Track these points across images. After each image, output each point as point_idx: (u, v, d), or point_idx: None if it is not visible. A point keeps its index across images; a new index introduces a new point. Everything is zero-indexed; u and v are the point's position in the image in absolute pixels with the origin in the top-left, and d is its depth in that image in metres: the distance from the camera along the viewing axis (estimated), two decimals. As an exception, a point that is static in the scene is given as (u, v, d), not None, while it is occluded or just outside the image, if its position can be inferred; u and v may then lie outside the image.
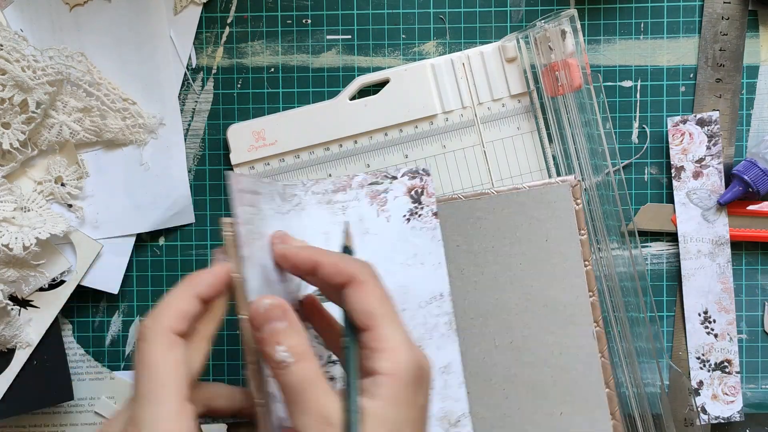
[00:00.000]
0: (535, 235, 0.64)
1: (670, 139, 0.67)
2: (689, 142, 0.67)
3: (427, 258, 0.62)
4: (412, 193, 0.62)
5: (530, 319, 0.64)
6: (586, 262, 0.64)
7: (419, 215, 0.62)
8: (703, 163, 0.67)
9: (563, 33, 0.64)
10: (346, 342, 0.46)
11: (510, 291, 0.64)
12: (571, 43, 0.64)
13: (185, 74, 0.68)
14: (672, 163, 0.67)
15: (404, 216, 0.62)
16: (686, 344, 0.68)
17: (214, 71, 0.69)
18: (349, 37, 0.68)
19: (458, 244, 0.64)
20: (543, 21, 0.65)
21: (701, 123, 0.67)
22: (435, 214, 0.62)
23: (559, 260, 0.64)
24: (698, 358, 0.68)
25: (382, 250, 0.61)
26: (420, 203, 0.62)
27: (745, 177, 0.65)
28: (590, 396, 0.64)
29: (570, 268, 0.64)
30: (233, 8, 0.68)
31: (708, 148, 0.67)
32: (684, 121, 0.67)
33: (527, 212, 0.64)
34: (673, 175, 0.67)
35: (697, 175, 0.67)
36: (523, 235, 0.64)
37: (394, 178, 0.61)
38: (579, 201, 0.64)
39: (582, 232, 0.64)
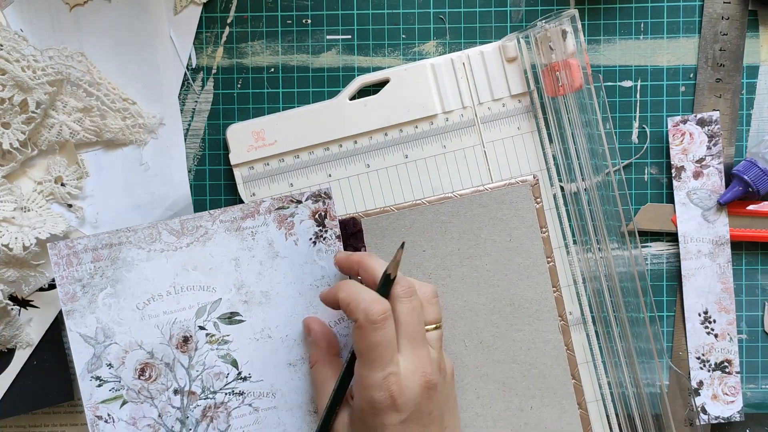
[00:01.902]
0: (499, 236, 0.65)
1: (670, 139, 0.67)
2: (689, 142, 0.67)
3: (333, 280, 0.63)
4: (317, 216, 0.63)
5: (498, 318, 0.66)
6: (549, 259, 0.66)
7: (324, 238, 0.63)
8: (703, 163, 0.67)
9: (564, 33, 0.64)
10: (342, 370, 0.58)
11: (477, 292, 0.66)
12: (571, 43, 0.64)
13: (185, 74, 0.68)
14: (672, 163, 0.67)
15: (310, 239, 0.63)
16: (686, 344, 0.68)
17: (214, 71, 0.69)
18: (349, 37, 0.68)
19: (424, 249, 0.66)
20: (543, 21, 0.65)
21: (701, 123, 0.67)
22: (338, 237, 0.63)
23: (522, 258, 0.66)
24: (698, 358, 0.68)
25: (292, 272, 0.63)
26: (324, 226, 0.63)
27: (745, 177, 0.65)
28: (558, 388, 0.66)
29: (533, 266, 0.66)
30: (233, 8, 0.68)
31: (708, 148, 0.67)
32: (684, 121, 0.67)
33: (490, 213, 0.65)
34: (673, 175, 0.67)
35: (697, 175, 0.67)
36: (487, 236, 0.65)
37: (299, 202, 0.63)
38: (539, 200, 0.65)
39: (543, 230, 0.65)
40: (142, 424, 0.61)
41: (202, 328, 0.62)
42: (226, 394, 0.62)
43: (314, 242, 0.63)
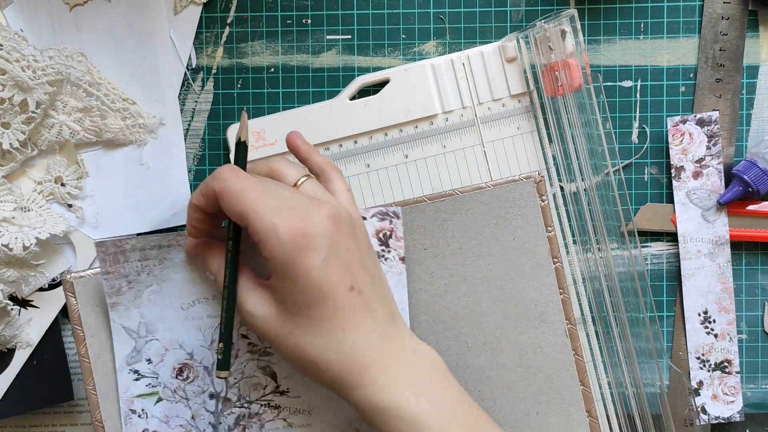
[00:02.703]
0: (502, 234, 0.63)
1: (670, 139, 0.67)
2: (689, 142, 0.67)
3: None
4: (380, 235, 0.60)
5: (502, 320, 0.63)
6: (555, 259, 0.62)
7: (386, 258, 0.60)
8: (702, 163, 0.67)
9: (563, 33, 0.64)
10: (228, 246, 0.55)
11: (480, 291, 0.63)
12: (571, 43, 0.64)
13: (185, 74, 0.68)
14: (672, 163, 0.67)
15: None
16: (686, 344, 0.68)
17: (214, 71, 0.69)
18: (349, 37, 0.68)
19: (425, 247, 0.63)
20: (543, 21, 0.65)
21: (701, 123, 0.67)
22: (402, 258, 0.60)
23: (527, 259, 0.63)
24: (698, 358, 0.68)
25: None
26: (388, 246, 0.60)
27: (745, 177, 0.65)
28: (565, 394, 0.63)
29: (539, 266, 0.63)
30: (233, 8, 0.68)
31: (708, 148, 0.67)
32: (684, 121, 0.67)
33: (492, 211, 0.63)
34: (672, 175, 0.67)
35: (696, 175, 0.67)
36: (489, 234, 0.63)
37: (363, 218, 0.60)
38: (545, 197, 0.62)
39: (549, 228, 0.62)
40: (175, 423, 0.61)
41: (244, 336, 0.61)
42: (261, 405, 0.61)
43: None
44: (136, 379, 0.61)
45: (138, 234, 0.68)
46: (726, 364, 0.67)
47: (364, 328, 0.52)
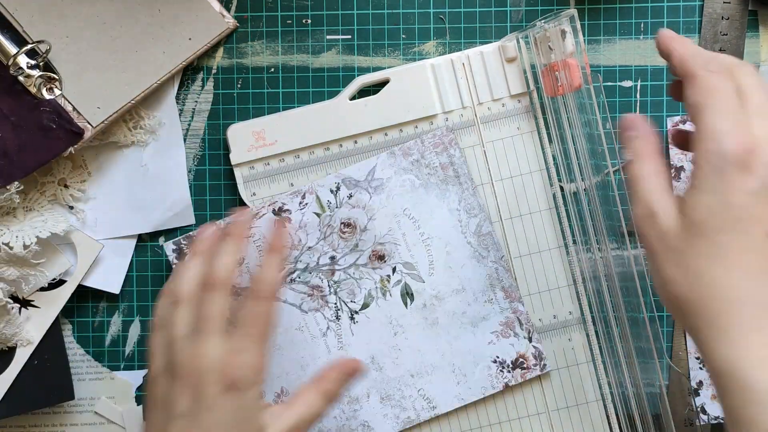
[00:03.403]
0: None
1: (669, 139, 0.67)
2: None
3: (463, 390, 0.67)
4: None
5: None
6: None
7: (501, 371, 0.67)
8: (702, 163, 0.67)
9: (563, 33, 0.64)
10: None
11: None
12: (571, 43, 0.64)
13: (185, 74, 0.68)
14: (671, 163, 0.67)
15: (497, 356, 0.67)
16: (686, 344, 0.68)
17: (214, 71, 0.69)
18: (349, 37, 0.68)
19: None
20: (543, 21, 0.64)
21: (701, 123, 0.66)
22: (506, 385, 0.67)
23: None
24: (698, 358, 0.68)
25: (462, 342, 0.67)
26: (512, 371, 0.67)
27: (745, 177, 0.65)
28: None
29: None
30: (233, 8, 0.68)
31: (707, 148, 0.67)
32: (684, 122, 0.67)
33: None
34: (672, 175, 0.67)
35: (696, 175, 0.67)
36: None
37: None
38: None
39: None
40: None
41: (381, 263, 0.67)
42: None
43: (494, 361, 0.67)
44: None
45: (139, 234, 0.68)
46: (725, 364, 0.67)
47: (766, 283, 0.47)
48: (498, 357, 0.66)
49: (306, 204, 0.66)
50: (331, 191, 0.66)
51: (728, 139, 0.47)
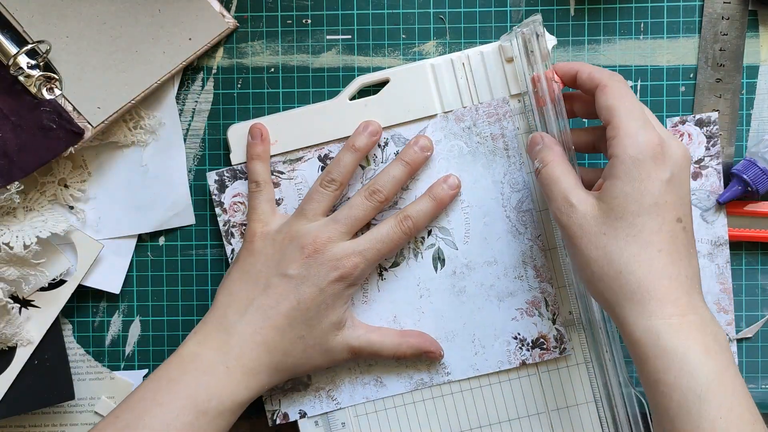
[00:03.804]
0: None
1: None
2: (688, 143, 0.67)
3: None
4: None
5: None
6: None
7: (521, 348, 0.68)
8: (702, 163, 0.67)
9: (537, 37, 0.63)
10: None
11: None
12: (543, 47, 0.63)
13: (185, 74, 0.68)
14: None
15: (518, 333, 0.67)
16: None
17: (214, 71, 0.69)
18: (349, 37, 0.68)
19: None
20: (517, 26, 0.64)
21: (700, 124, 0.66)
22: (523, 362, 0.67)
23: None
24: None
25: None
26: (531, 350, 0.68)
27: (745, 176, 0.65)
28: None
29: None
30: (233, 8, 0.68)
31: (707, 148, 0.67)
32: (683, 122, 0.67)
33: None
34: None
35: (696, 175, 0.67)
36: None
37: None
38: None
39: None
40: None
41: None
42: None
43: (515, 337, 0.67)
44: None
45: (139, 234, 0.68)
46: (725, 364, 0.67)
47: (678, 261, 0.54)
48: (519, 334, 0.67)
49: None
50: (379, 146, 0.66)
51: (643, 136, 0.54)
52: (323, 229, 0.63)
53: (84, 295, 0.69)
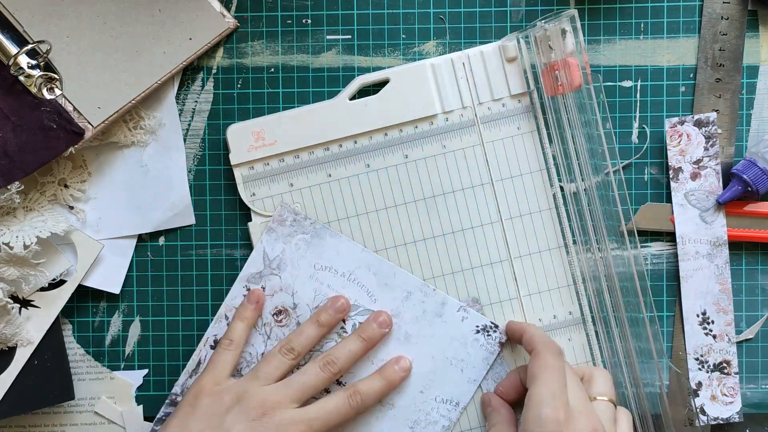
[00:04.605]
0: None
1: (667, 141, 0.67)
2: (687, 144, 0.67)
3: (469, 371, 0.67)
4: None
5: None
6: None
7: (489, 335, 0.67)
8: (700, 164, 0.67)
9: (563, 32, 0.64)
10: None
11: None
12: (571, 42, 0.64)
13: (185, 74, 0.68)
14: (670, 164, 0.67)
15: (477, 327, 0.67)
16: (685, 344, 0.68)
17: (214, 71, 0.69)
18: (349, 37, 0.68)
19: None
20: (543, 21, 0.64)
21: (699, 124, 0.66)
22: (501, 344, 0.67)
23: None
24: (697, 359, 0.67)
25: (442, 338, 0.67)
26: (497, 329, 0.67)
27: (744, 176, 0.65)
28: None
29: None
30: (233, 8, 0.68)
31: (706, 149, 0.67)
32: (681, 123, 0.67)
33: None
34: (671, 176, 0.67)
35: (694, 176, 0.67)
36: None
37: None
38: None
39: None
40: (246, 348, 0.67)
41: (342, 320, 0.67)
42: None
43: (478, 332, 0.67)
44: (245, 295, 0.68)
45: (139, 234, 0.68)
46: (725, 365, 0.67)
47: None
48: (478, 325, 0.67)
49: None
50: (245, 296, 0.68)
51: (547, 411, 0.57)
52: (273, 393, 0.63)
53: (84, 295, 0.69)
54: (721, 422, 0.67)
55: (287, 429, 0.61)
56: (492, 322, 0.67)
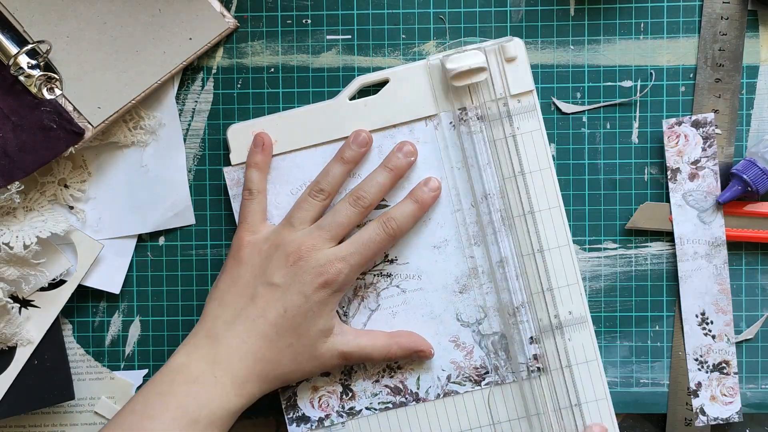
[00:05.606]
0: None
1: (665, 141, 0.67)
2: (684, 144, 0.66)
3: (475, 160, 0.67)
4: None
5: None
6: None
7: (464, 120, 0.66)
8: (698, 164, 0.67)
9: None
10: None
11: None
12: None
13: (185, 74, 0.68)
14: (668, 165, 0.67)
15: (450, 122, 0.67)
16: (685, 344, 0.68)
17: (214, 71, 0.69)
18: (349, 37, 0.68)
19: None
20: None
21: (696, 125, 0.66)
22: (480, 117, 0.66)
23: None
24: (696, 360, 0.67)
25: (434, 155, 0.67)
26: (465, 110, 0.67)
27: (744, 176, 0.65)
28: None
29: None
30: (233, 8, 0.68)
31: (703, 149, 0.66)
32: (679, 123, 0.67)
33: None
34: (669, 176, 0.67)
35: (692, 176, 0.67)
36: None
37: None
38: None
39: None
40: None
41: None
42: (374, 275, 0.68)
43: (454, 126, 0.67)
44: None
45: (139, 234, 0.68)
46: (724, 365, 0.67)
47: None
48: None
49: None
50: None
51: None
52: (308, 236, 0.64)
53: (84, 295, 0.69)
54: (721, 422, 0.67)
55: (326, 268, 0.63)
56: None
